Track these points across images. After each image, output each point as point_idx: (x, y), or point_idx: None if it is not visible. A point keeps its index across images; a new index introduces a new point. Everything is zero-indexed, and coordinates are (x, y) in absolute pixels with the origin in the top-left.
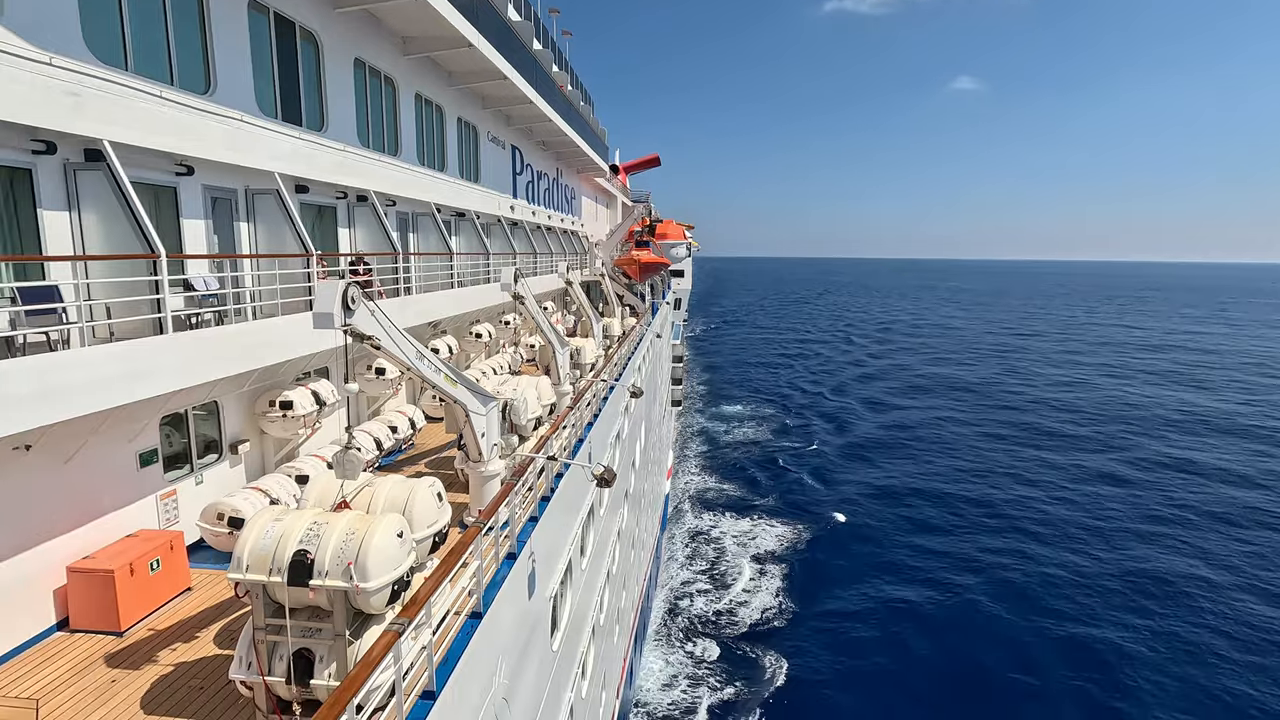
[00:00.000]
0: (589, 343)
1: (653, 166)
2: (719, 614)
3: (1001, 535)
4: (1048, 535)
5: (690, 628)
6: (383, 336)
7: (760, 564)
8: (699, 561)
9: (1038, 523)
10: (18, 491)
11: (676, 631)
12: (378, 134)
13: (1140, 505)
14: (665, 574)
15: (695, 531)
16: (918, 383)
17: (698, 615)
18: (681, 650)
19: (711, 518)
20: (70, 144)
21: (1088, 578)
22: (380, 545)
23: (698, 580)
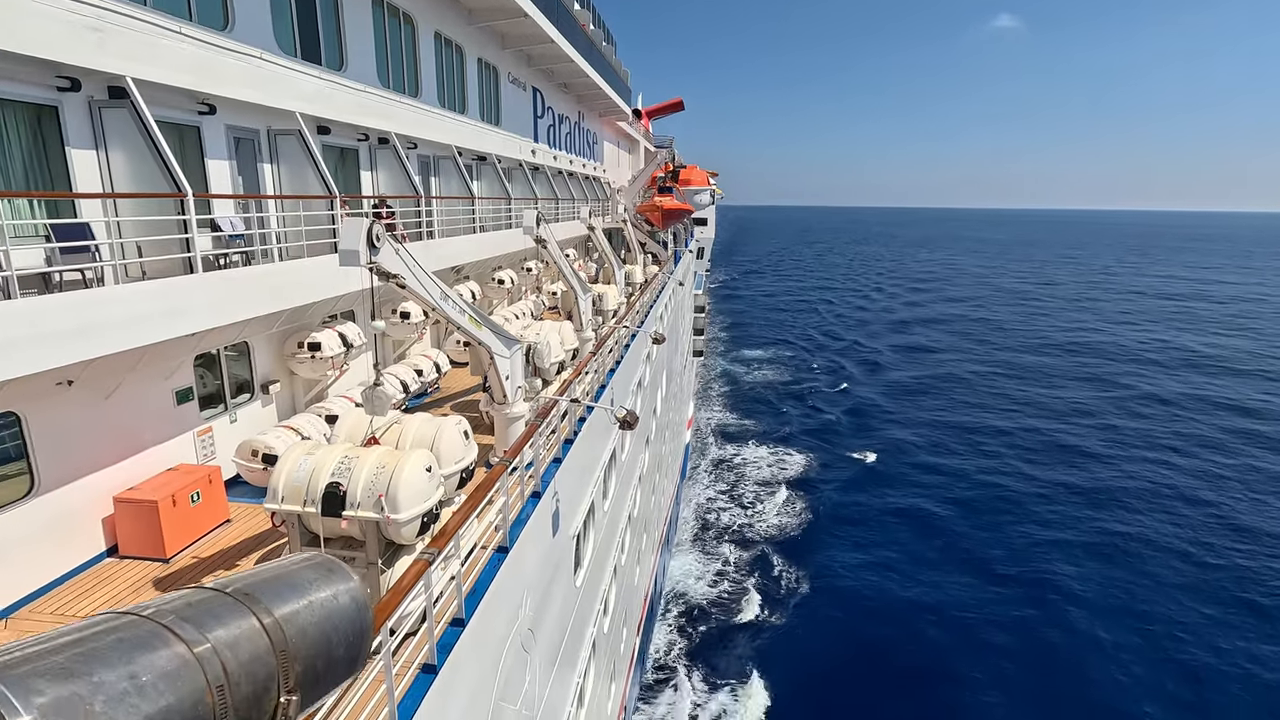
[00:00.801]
0: (611, 289)
1: (676, 111)
2: (742, 525)
3: (1020, 475)
4: (1079, 482)
5: (718, 534)
6: (407, 275)
7: (779, 487)
8: (720, 484)
9: (1065, 463)
10: (63, 425)
11: (709, 539)
12: (398, 74)
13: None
14: (689, 492)
15: (718, 460)
16: (948, 329)
17: (724, 525)
18: (706, 551)
19: (733, 448)
20: (94, 81)
21: (1118, 530)
22: (410, 479)
23: (719, 499)
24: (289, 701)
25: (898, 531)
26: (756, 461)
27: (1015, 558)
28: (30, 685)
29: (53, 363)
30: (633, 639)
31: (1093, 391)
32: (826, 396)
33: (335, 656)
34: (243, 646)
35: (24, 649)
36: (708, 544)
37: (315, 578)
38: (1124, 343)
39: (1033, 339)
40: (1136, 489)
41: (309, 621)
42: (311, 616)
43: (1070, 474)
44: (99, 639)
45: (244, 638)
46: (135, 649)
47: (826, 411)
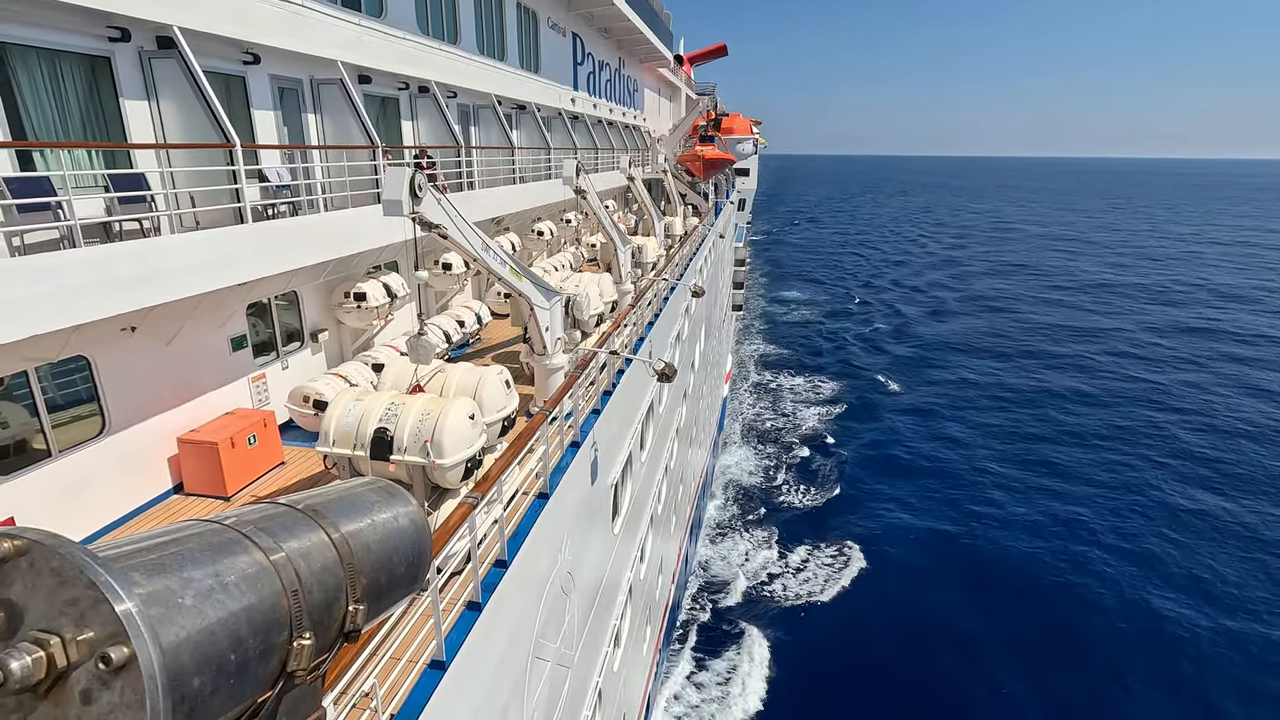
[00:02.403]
0: (650, 241)
1: (719, 57)
2: (781, 430)
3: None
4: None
5: (762, 436)
6: (449, 225)
7: (817, 407)
8: (762, 404)
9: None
10: (129, 369)
11: (752, 439)
12: (436, 21)
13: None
14: (733, 405)
15: (757, 383)
16: (993, 279)
17: (766, 430)
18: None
19: (771, 374)
20: (143, 31)
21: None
22: (454, 425)
23: (764, 413)
24: (356, 610)
25: (927, 473)
26: (793, 387)
27: (1033, 511)
28: (130, 578)
29: (117, 309)
30: (668, 587)
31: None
32: (863, 335)
33: (397, 574)
34: (314, 557)
35: (122, 546)
36: (754, 444)
37: (377, 499)
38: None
39: (1086, 292)
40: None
41: (372, 539)
42: (374, 535)
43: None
44: (187, 542)
45: (314, 549)
46: (219, 552)
47: (861, 347)
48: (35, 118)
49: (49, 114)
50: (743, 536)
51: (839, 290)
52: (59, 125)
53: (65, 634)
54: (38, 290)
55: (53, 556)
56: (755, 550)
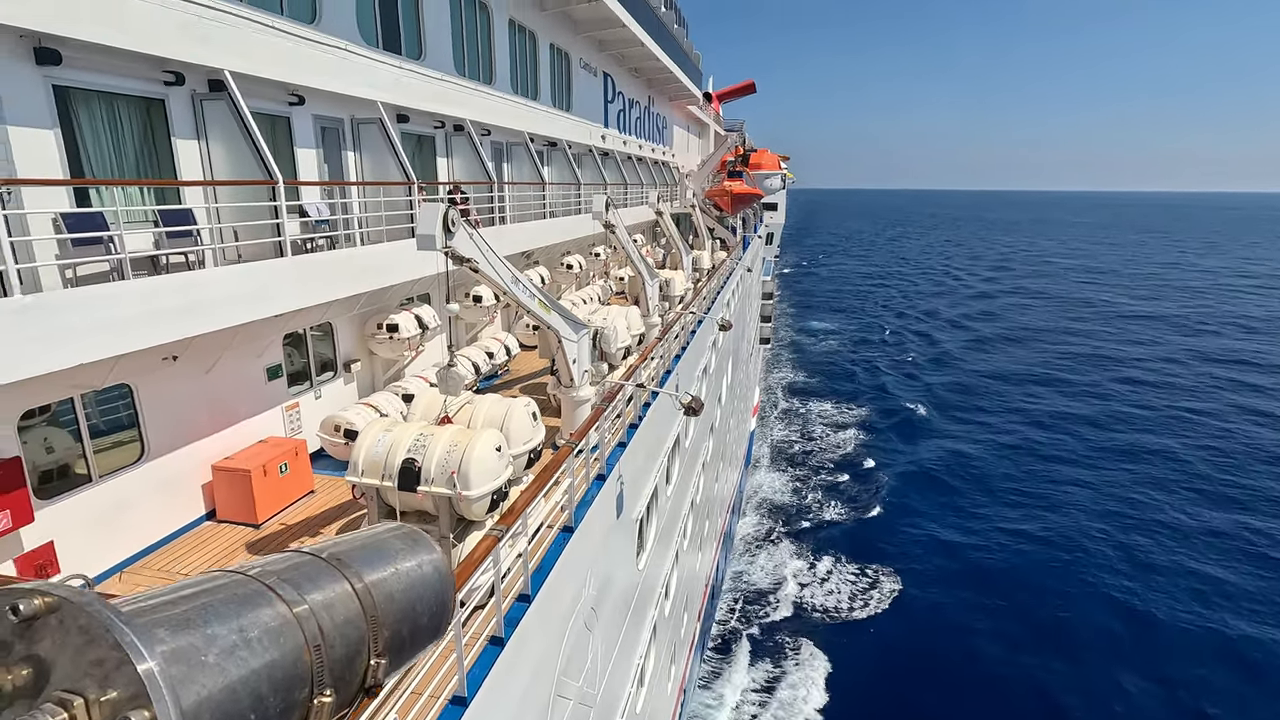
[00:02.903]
0: (678, 275)
1: (747, 94)
2: (810, 453)
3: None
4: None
5: (792, 459)
6: (480, 259)
7: (845, 431)
8: (791, 429)
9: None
10: (169, 397)
11: (782, 461)
12: (473, 62)
13: None
14: (762, 430)
15: (786, 409)
16: (1023, 310)
17: (796, 454)
18: (785, 470)
19: (800, 400)
20: (196, 74)
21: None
22: (480, 457)
23: (793, 436)
24: (378, 664)
25: (957, 494)
26: (822, 412)
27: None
28: (155, 635)
29: (161, 338)
30: (693, 625)
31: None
32: (892, 363)
33: (420, 624)
34: (337, 609)
35: (146, 601)
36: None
37: (402, 547)
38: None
39: (1118, 325)
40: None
41: (396, 588)
42: (398, 584)
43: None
44: (214, 594)
45: (338, 600)
46: (244, 605)
47: (891, 376)
48: (93, 156)
49: (106, 152)
50: (770, 557)
51: (868, 321)
52: (115, 163)
53: (89, 695)
54: (88, 320)
55: (80, 614)
56: (782, 571)
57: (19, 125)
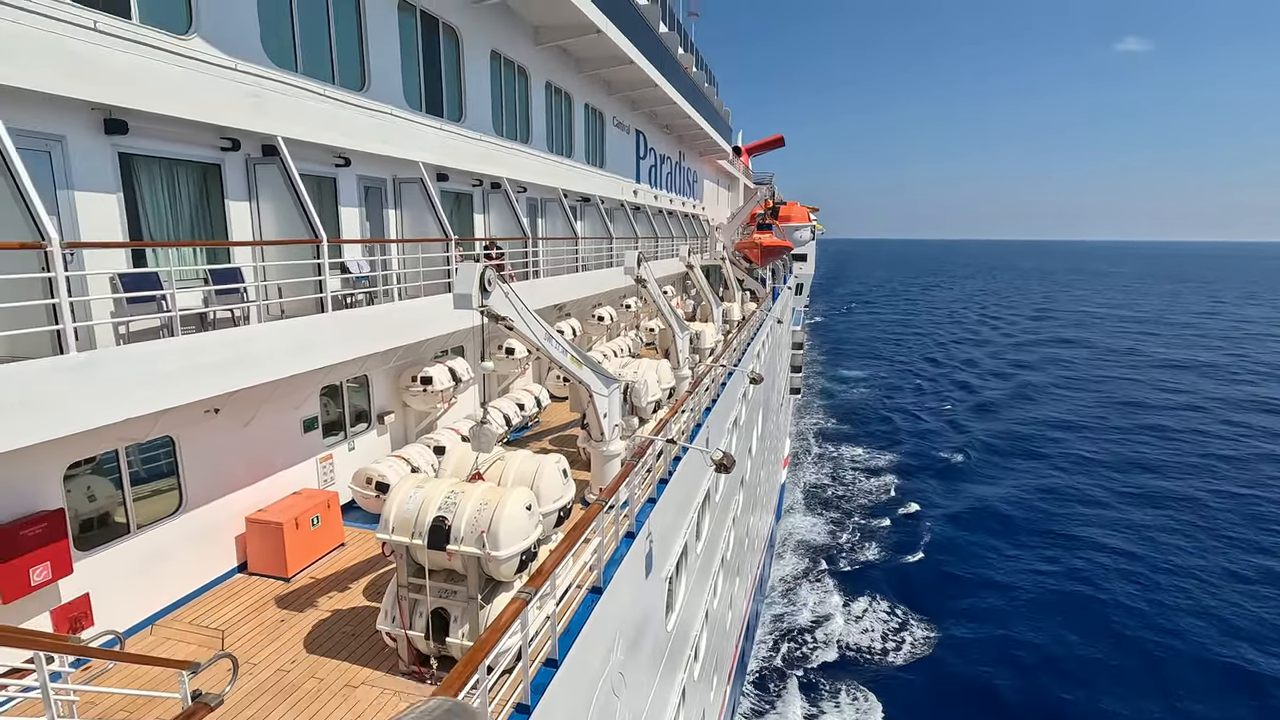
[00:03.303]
0: (708, 327)
1: (776, 147)
2: (843, 496)
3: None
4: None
5: (825, 502)
6: (515, 318)
7: (878, 477)
8: (824, 473)
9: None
10: (210, 449)
11: (815, 504)
12: (511, 123)
13: None
14: (794, 474)
15: (819, 454)
16: (1065, 361)
17: (830, 497)
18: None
19: (832, 445)
20: (251, 141)
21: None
22: (511, 516)
23: (825, 480)
24: None
25: (993, 536)
26: (854, 457)
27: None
28: None
29: (207, 393)
30: (723, 686)
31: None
32: (924, 410)
33: None
34: None
35: None
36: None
37: None
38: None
39: (1155, 377)
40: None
41: None
42: None
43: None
44: None
45: None
46: None
47: (923, 422)
48: (151, 217)
49: (164, 214)
50: (806, 598)
51: (901, 369)
52: (171, 224)
53: None
54: (137, 376)
55: None
56: (819, 611)
57: (85, 190)
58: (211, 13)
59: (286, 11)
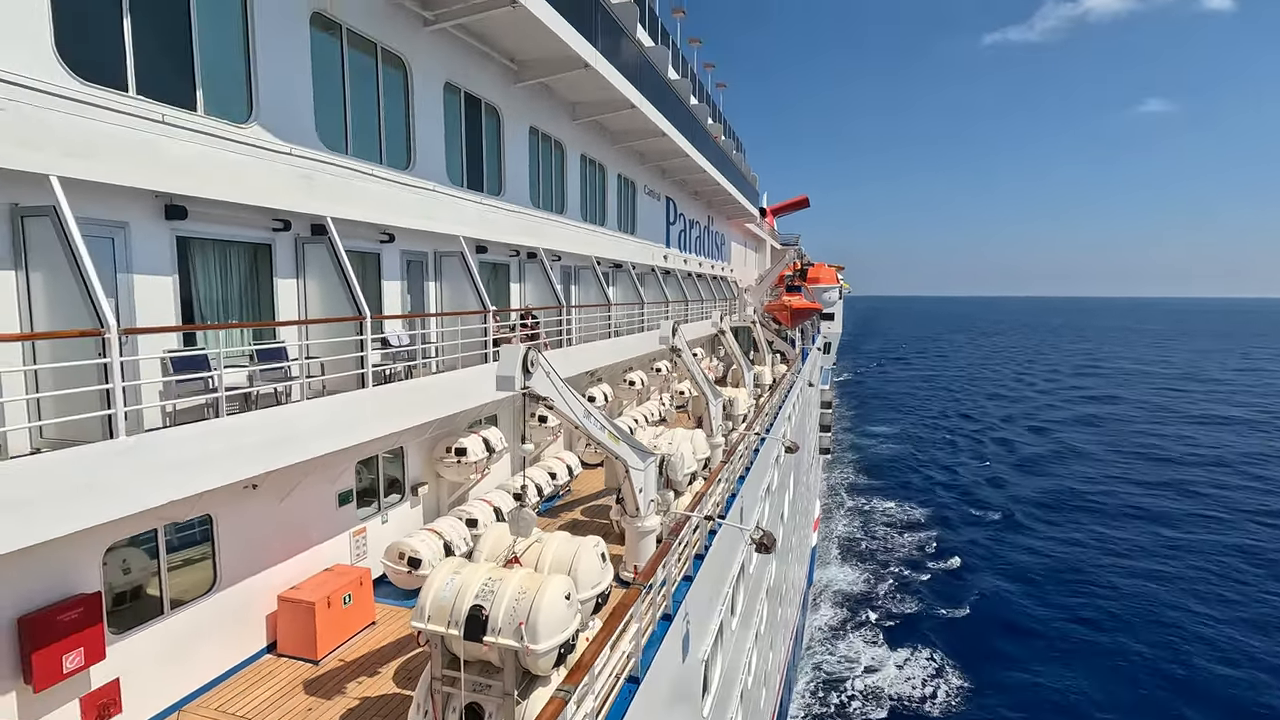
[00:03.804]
0: (741, 393)
1: (801, 208)
2: (875, 550)
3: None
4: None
5: (860, 555)
6: (556, 398)
7: (911, 532)
8: (855, 527)
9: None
10: (247, 524)
11: (851, 557)
12: (547, 194)
13: None
14: (827, 527)
15: (851, 508)
16: (1099, 415)
17: (862, 551)
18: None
19: (864, 499)
20: (301, 221)
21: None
22: (550, 605)
23: (857, 533)
24: None
25: (1026, 590)
26: (885, 510)
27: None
28: None
29: (249, 472)
30: None
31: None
32: (954, 464)
33: None
34: None
35: None
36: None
37: None
38: None
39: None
40: None
41: None
42: None
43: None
44: None
45: None
46: None
47: (953, 476)
48: (203, 296)
49: (215, 293)
50: (844, 651)
51: (930, 424)
52: (221, 303)
53: None
54: (183, 457)
55: None
56: (852, 666)
57: (143, 274)
58: (271, 102)
59: (340, 97)
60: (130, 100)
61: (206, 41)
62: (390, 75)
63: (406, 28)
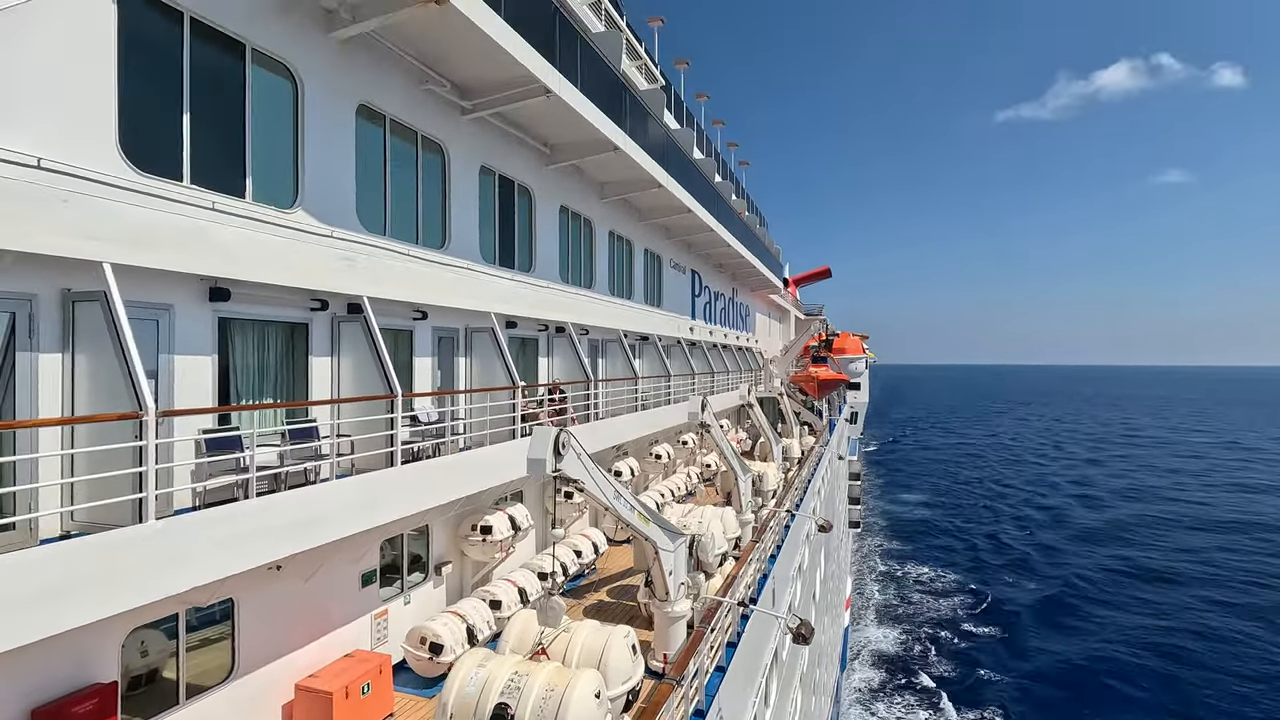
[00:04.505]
0: (770, 468)
1: (823, 279)
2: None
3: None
4: None
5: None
6: (586, 480)
7: (946, 598)
8: (890, 590)
9: None
10: (269, 607)
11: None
12: (576, 270)
13: None
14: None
15: (883, 573)
16: (1137, 483)
17: (899, 614)
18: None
19: (897, 563)
20: (338, 301)
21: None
22: (579, 704)
23: (892, 599)
24: None
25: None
26: (919, 576)
27: None
28: None
29: (277, 555)
30: None
31: None
32: (987, 532)
33: None
34: None
35: None
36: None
37: None
38: None
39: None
40: None
41: None
42: None
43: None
44: None
45: None
46: None
47: (986, 542)
48: (240, 375)
49: (252, 372)
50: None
51: (962, 492)
52: (257, 381)
53: None
54: (210, 540)
55: None
56: None
57: (184, 354)
58: (316, 188)
59: (381, 182)
60: (184, 189)
61: (258, 133)
62: (429, 160)
63: (446, 117)
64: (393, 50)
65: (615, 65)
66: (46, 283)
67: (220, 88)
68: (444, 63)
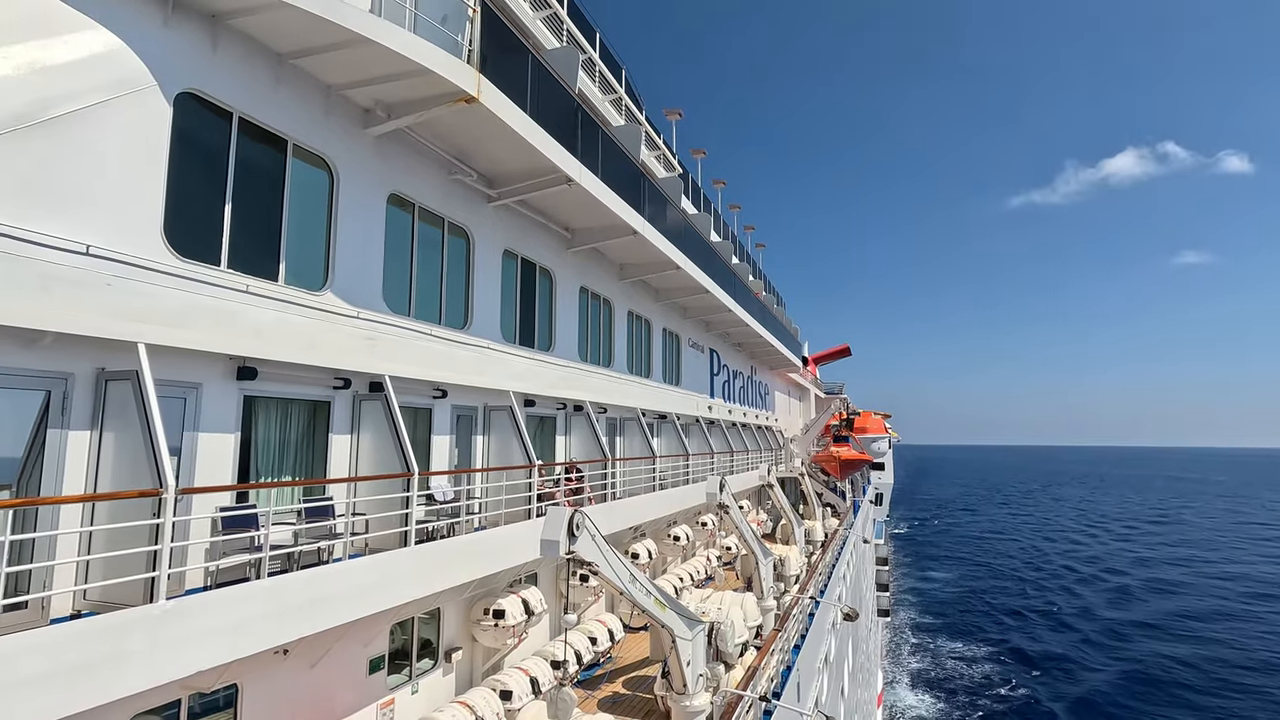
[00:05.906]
0: (792, 552)
1: (843, 357)
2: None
3: None
4: None
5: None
6: (601, 563)
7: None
8: (925, 662)
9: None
10: (272, 696)
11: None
12: (594, 349)
13: None
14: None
15: (916, 645)
16: (1156, 567)
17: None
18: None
19: (929, 637)
20: (361, 379)
21: None
22: None
23: (927, 667)
24: None
25: None
26: (952, 650)
27: None
28: None
29: (283, 638)
30: None
31: None
32: (1018, 610)
33: None
34: None
35: None
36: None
37: None
38: None
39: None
40: None
41: None
42: None
43: None
44: None
45: None
46: None
47: (1018, 621)
48: (261, 451)
49: (273, 450)
50: None
51: (993, 571)
52: (278, 458)
53: None
54: (222, 622)
55: None
56: None
57: (209, 431)
58: (345, 271)
59: (407, 265)
60: (220, 273)
61: (294, 220)
62: (455, 244)
63: (472, 204)
64: (423, 143)
65: (634, 155)
66: (84, 362)
67: (261, 180)
68: (471, 154)
